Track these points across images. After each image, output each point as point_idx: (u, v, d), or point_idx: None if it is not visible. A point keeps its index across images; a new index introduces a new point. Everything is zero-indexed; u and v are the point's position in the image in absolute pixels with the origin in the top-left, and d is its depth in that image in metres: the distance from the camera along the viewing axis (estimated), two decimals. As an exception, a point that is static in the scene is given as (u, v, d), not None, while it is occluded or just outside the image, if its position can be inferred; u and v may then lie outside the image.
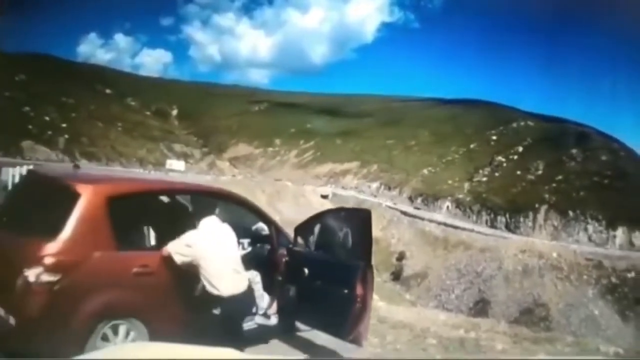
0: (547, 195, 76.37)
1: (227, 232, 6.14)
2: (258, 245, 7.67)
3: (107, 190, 5.74)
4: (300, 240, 7.44)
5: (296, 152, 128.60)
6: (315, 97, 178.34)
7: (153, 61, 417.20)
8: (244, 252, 6.68)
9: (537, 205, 74.89)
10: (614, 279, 47.25)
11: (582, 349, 9.41)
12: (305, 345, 7.39)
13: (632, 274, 47.58)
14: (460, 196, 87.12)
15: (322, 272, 6.82)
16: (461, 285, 49.29)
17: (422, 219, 68.70)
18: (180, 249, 5.78)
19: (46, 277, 5.02)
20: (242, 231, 6.65)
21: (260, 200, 56.42)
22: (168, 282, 5.87)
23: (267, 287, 7.17)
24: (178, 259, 5.77)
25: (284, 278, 7.21)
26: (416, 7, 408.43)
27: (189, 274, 5.90)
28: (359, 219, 7.14)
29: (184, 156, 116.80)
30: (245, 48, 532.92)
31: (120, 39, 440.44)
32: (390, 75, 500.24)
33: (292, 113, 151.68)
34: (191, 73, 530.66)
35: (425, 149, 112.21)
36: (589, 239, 67.32)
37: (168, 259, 5.84)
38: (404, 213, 71.60)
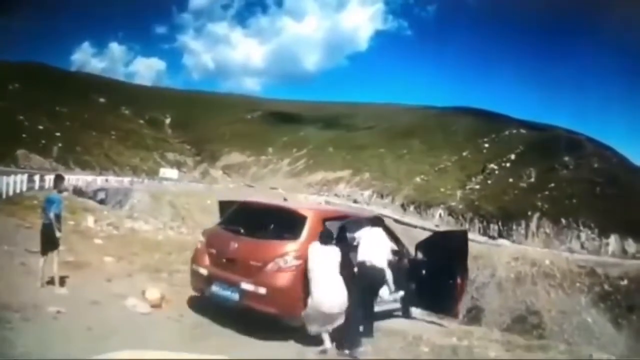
0: (539, 203, 76.54)
1: (384, 235, 9.26)
2: (391, 255, 9.88)
3: (322, 214, 9.31)
4: (419, 252, 10.89)
5: (289, 160, 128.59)
6: (308, 105, 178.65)
7: (147, 69, 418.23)
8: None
9: (529, 213, 75.04)
10: (606, 287, 47.20)
11: (575, 356, 9.46)
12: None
13: (625, 282, 47.57)
14: (453, 204, 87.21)
15: (434, 272, 10.19)
16: (454, 293, 49.23)
17: (415, 226, 68.65)
18: (366, 234, 8.96)
19: (294, 262, 8.10)
20: None
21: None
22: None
23: (396, 284, 9.80)
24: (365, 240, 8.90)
25: (407, 278, 10.29)
26: (409, 15, 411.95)
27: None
28: (459, 237, 11.05)
29: (178, 164, 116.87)
30: (239, 56, 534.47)
31: (114, 48, 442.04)
32: (383, 82, 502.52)
33: (284, 121, 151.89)
34: (185, 81, 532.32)
35: (417, 157, 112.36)
36: (582, 246, 67.49)
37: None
38: (397, 221, 71.61)
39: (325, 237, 8.16)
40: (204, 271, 8.78)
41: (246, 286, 8.05)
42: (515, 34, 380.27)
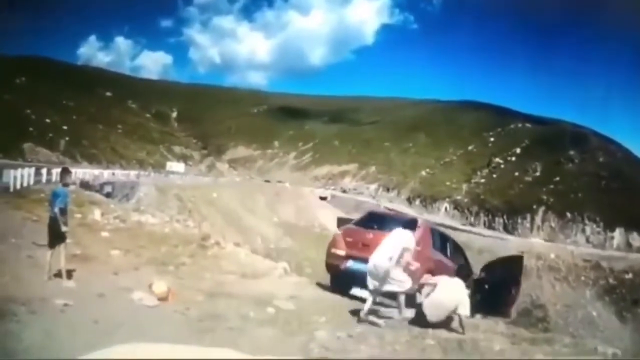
0: (544, 197, 76.53)
1: (461, 284, 10.14)
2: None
3: (429, 223, 14.64)
4: (483, 273, 15.23)
5: (295, 154, 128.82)
6: (314, 99, 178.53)
7: (153, 63, 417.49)
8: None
9: (534, 207, 75.07)
10: (611, 280, 46.90)
11: (580, 350, 9.42)
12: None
13: (629, 275, 47.25)
14: (459, 197, 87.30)
15: (495, 286, 13.99)
16: (459, 287, 49.24)
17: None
18: (443, 283, 10.25)
19: (415, 247, 10.12)
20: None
21: (259, 202, 56.44)
22: None
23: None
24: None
25: (473, 292, 12.43)
26: (415, 8, 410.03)
27: None
28: (516, 262, 15.90)
29: (184, 158, 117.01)
30: (245, 50, 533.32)
31: (120, 42, 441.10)
32: (389, 76, 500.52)
33: (290, 115, 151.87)
34: (191, 75, 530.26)
35: (423, 150, 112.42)
36: (587, 240, 67.53)
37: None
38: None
39: (395, 227, 10.51)
40: (341, 252, 12.47)
41: None
42: (520, 28, 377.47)
